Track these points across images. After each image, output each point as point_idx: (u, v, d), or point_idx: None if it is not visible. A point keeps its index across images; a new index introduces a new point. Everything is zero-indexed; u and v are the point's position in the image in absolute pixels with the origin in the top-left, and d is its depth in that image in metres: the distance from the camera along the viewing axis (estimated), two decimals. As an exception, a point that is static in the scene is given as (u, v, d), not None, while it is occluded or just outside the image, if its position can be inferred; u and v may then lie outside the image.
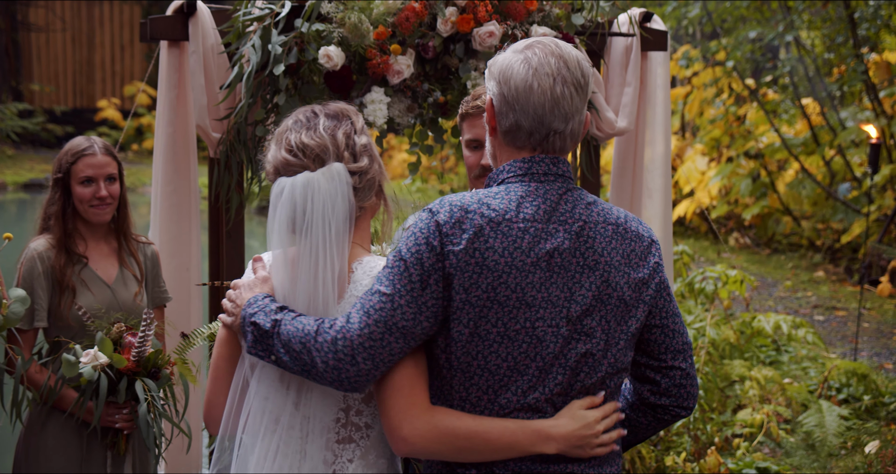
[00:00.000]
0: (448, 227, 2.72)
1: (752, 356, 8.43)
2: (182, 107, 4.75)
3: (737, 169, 14.19)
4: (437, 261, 2.70)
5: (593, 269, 2.80)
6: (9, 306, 4.11)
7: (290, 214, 2.76)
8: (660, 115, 5.15)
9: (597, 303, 2.80)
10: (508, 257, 2.72)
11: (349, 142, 2.84)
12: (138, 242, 4.65)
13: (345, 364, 2.67)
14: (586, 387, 2.83)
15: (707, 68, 14.98)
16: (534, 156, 2.86)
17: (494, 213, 2.75)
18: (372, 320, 2.68)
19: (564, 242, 2.77)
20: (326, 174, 2.76)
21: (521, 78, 2.80)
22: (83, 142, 4.51)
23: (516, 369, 2.75)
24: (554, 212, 2.80)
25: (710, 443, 6.86)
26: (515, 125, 2.83)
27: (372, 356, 2.67)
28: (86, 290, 4.42)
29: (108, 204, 4.48)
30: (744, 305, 10.22)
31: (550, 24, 4.66)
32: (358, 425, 2.84)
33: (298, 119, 2.89)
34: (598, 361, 2.81)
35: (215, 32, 4.65)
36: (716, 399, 7.54)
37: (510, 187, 2.82)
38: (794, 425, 7.28)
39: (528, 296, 2.74)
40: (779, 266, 13.46)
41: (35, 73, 28.09)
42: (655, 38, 5.04)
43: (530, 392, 2.77)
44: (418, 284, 2.70)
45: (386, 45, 4.52)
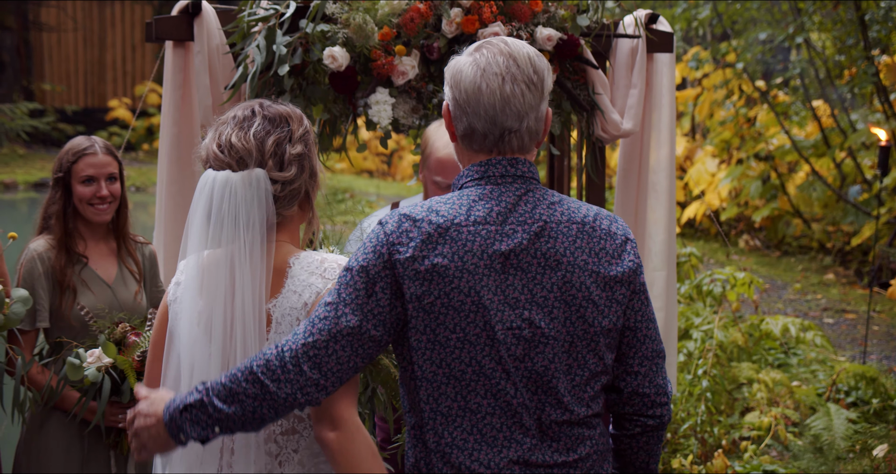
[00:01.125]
0: (395, 237, 2.73)
1: (761, 359, 8.40)
2: (187, 107, 4.75)
3: (747, 171, 14.15)
4: (383, 269, 2.71)
5: (555, 269, 2.78)
6: (11, 306, 4.11)
7: (206, 208, 2.78)
8: (665, 116, 5.13)
9: (559, 304, 2.78)
10: (458, 261, 2.71)
11: (277, 151, 2.83)
12: (136, 242, 4.66)
13: (294, 374, 2.66)
14: (562, 391, 2.79)
15: (717, 70, 14.94)
16: (490, 158, 2.85)
17: (443, 219, 2.75)
18: (316, 329, 2.69)
19: (522, 243, 2.76)
20: (245, 178, 2.77)
21: (470, 80, 2.81)
22: (84, 142, 4.51)
23: (482, 373, 2.74)
24: (511, 213, 2.79)
25: (718, 446, 6.85)
26: (469, 128, 2.84)
27: (318, 365, 2.67)
28: (86, 290, 4.42)
29: (108, 203, 4.49)
30: (753, 308, 10.19)
31: (555, 25, 4.65)
32: (300, 417, 2.86)
33: (237, 115, 2.89)
34: (565, 363, 2.79)
35: (220, 33, 4.65)
36: (723, 401, 7.52)
37: (464, 192, 2.83)
38: (802, 428, 7.25)
39: (485, 298, 2.73)
40: (789, 268, 13.42)
41: (46, 72, 28.13)
42: (661, 40, 5.02)
43: (501, 395, 2.76)
44: (363, 292, 2.70)
45: (391, 45, 4.52)
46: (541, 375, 2.77)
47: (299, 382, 2.67)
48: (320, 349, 2.67)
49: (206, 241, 2.79)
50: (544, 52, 4.62)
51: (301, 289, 2.82)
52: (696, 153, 15.63)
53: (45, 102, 27.07)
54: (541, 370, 2.77)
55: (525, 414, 2.78)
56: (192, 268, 2.86)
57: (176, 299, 2.91)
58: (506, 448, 2.77)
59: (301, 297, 2.81)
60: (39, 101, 26.46)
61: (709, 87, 15.29)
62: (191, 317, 2.82)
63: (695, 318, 8.27)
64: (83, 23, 28.22)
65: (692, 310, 8.48)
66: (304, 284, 2.82)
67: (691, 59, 14.77)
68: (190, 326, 2.82)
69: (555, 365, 2.78)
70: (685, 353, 7.76)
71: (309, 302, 2.81)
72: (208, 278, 2.82)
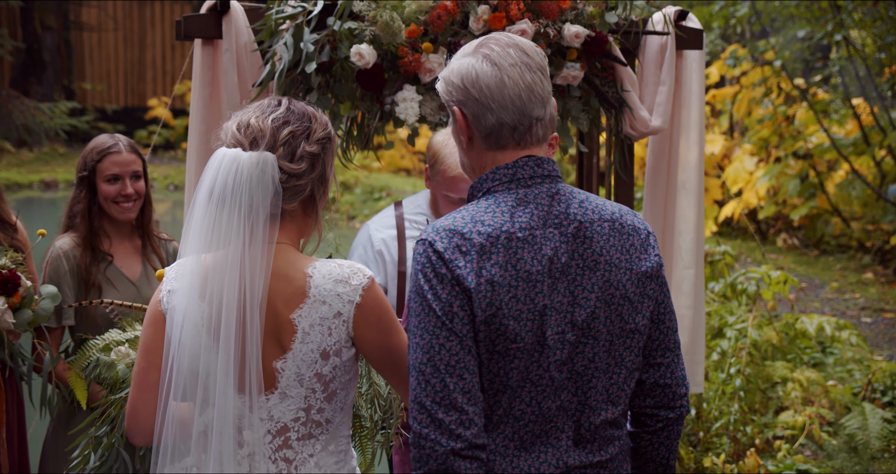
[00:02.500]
0: (449, 253, 2.68)
1: (796, 358, 8.35)
2: (215, 104, 4.77)
3: (785, 169, 14.05)
4: (452, 288, 2.66)
5: (594, 270, 2.76)
6: (39, 303, 4.14)
7: (210, 184, 2.77)
8: (695, 113, 5.11)
9: (601, 305, 2.76)
10: (512, 270, 2.68)
11: (291, 141, 2.83)
12: (160, 239, 4.68)
13: (434, 427, 2.63)
14: (600, 391, 2.79)
15: (755, 68, 14.85)
16: (517, 161, 2.81)
17: (490, 229, 2.70)
18: (425, 375, 2.64)
19: (561, 246, 2.74)
20: (254, 157, 2.76)
21: (490, 75, 2.76)
22: (108, 141, 4.53)
23: (529, 380, 2.71)
24: (548, 215, 2.76)
25: (751, 445, 6.81)
26: (498, 124, 2.79)
27: (450, 406, 2.63)
28: (111, 288, 4.45)
29: (133, 201, 4.51)
30: (789, 307, 10.12)
31: (583, 22, 4.63)
32: (318, 422, 2.87)
33: (262, 103, 2.92)
34: (605, 363, 2.78)
35: (248, 30, 4.67)
36: (757, 400, 7.47)
37: (498, 198, 2.78)
38: (836, 427, 7.20)
39: (539, 305, 2.70)
40: (827, 267, 13.33)
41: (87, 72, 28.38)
42: (690, 37, 5.00)
43: (543, 401, 2.73)
44: (445, 318, 2.65)
45: (418, 43, 4.52)
46: (581, 376, 2.76)
47: (451, 429, 2.63)
48: (439, 391, 2.64)
49: (209, 232, 2.77)
50: (572, 48, 4.61)
51: (330, 299, 2.81)
52: (735, 151, 15.54)
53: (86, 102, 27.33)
54: (581, 371, 2.76)
55: (563, 418, 2.76)
56: (190, 273, 2.82)
57: (173, 307, 2.84)
58: (544, 453, 2.75)
59: (332, 308, 2.80)
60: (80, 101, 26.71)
61: (747, 85, 15.19)
62: (196, 324, 2.79)
63: (729, 317, 8.22)
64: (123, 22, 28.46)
65: (726, 309, 8.43)
66: (332, 294, 2.81)
67: (729, 57, 14.68)
68: (196, 334, 2.78)
69: (595, 365, 2.77)
70: (719, 352, 7.72)
71: (344, 312, 2.81)
72: (211, 283, 2.78)
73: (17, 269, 4.11)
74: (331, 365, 2.81)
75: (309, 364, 2.79)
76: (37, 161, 24.40)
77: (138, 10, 28.53)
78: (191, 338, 2.77)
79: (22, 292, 4.11)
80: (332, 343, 2.80)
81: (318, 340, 2.79)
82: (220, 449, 2.78)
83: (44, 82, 26.17)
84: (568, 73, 4.63)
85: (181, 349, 2.78)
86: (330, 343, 2.80)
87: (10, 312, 4.08)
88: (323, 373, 2.81)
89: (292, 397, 2.81)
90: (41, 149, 24.83)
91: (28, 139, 22.81)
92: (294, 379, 2.79)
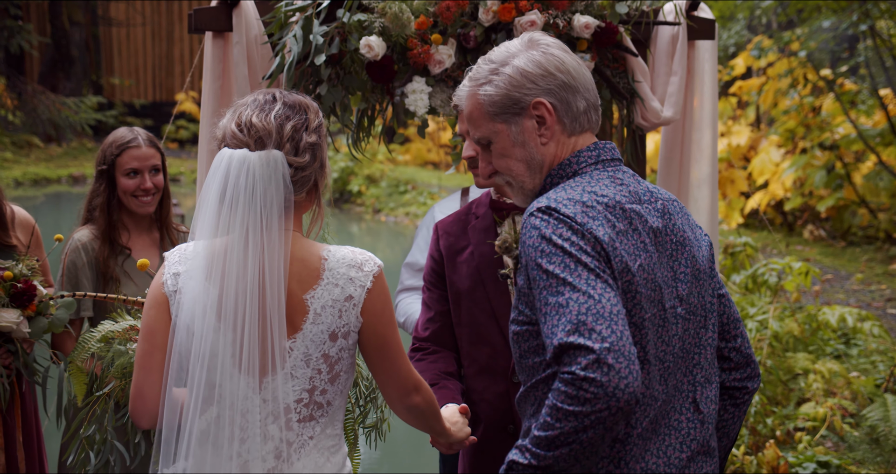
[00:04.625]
0: (580, 217, 2.57)
1: (818, 349, 8.30)
2: (226, 97, 4.78)
3: (811, 160, 13.98)
4: (595, 246, 2.53)
5: (683, 245, 2.73)
6: (55, 312, 4.18)
7: (221, 186, 2.78)
8: (708, 104, 5.09)
9: (693, 280, 2.72)
10: (632, 239, 2.61)
11: (295, 136, 2.85)
12: (179, 232, 4.70)
13: (623, 373, 2.39)
14: (703, 369, 2.75)
15: (782, 59, 14.77)
16: (597, 142, 2.78)
17: (606, 198, 2.64)
18: (591, 323, 2.43)
19: (657, 221, 2.70)
20: (263, 157, 2.78)
21: (570, 60, 2.74)
22: (127, 134, 4.54)
23: (657, 356, 2.63)
24: (638, 192, 2.73)
25: (771, 437, 6.78)
26: (587, 105, 2.77)
27: (629, 356, 2.41)
28: (129, 281, 4.47)
29: (152, 195, 4.53)
30: (813, 298, 10.07)
31: (594, 13, 4.62)
32: (320, 403, 2.91)
33: (257, 99, 2.92)
34: (703, 339, 2.75)
35: (259, 23, 4.68)
36: (779, 392, 7.44)
37: (593, 175, 2.72)
38: (858, 419, 7.16)
39: (658, 276, 2.64)
40: (853, 258, 13.26)
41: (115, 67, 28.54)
42: (702, 27, 4.97)
43: (670, 379, 2.67)
44: (599, 270, 2.50)
45: (427, 34, 4.52)
46: (688, 353, 2.71)
47: (627, 381, 2.40)
48: (621, 336, 2.42)
49: (217, 223, 2.79)
50: (582, 39, 4.60)
51: (343, 283, 2.86)
52: (761, 143, 15.47)
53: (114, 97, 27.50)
54: (689, 348, 2.71)
55: (681, 399, 2.71)
56: (197, 256, 2.86)
57: (178, 289, 2.87)
58: (668, 436, 2.68)
59: (344, 290, 2.86)
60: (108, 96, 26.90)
61: (773, 76, 15.12)
62: (204, 306, 2.80)
63: (750, 308, 8.19)
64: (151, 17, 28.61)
65: (747, 301, 8.40)
66: (345, 277, 2.86)
67: (754, 48, 14.61)
68: (204, 315, 2.80)
69: (696, 340, 2.73)
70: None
71: (355, 295, 2.87)
72: (225, 265, 2.80)
73: (32, 278, 4.14)
74: (338, 347, 2.87)
75: (318, 344, 2.85)
76: (65, 156, 24.58)
77: (166, 5, 28.66)
78: (198, 321, 2.79)
79: (37, 301, 4.14)
80: (342, 325, 2.86)
81: (329, 322, 2.85)
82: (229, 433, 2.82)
83: (72, 77, 26.35)
84: (578, 64, 4.62)
85: (185, 332, 2.81)
86: (339, 325, 2.86)
87: (26, 322, 4.11)
88: (329, 354, 2.86)
89: (298, 378, 2.85)
90: (69, 144, 25.01)
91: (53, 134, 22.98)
92: (301, 360, 2.84)
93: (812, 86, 14.79)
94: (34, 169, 23.07)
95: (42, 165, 23.56)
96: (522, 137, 2.77)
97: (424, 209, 18.75)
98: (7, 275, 4.06)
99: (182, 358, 2.82)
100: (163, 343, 2.86)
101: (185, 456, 2.81)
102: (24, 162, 23.64)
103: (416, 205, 19.46)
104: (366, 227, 19.17)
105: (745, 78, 17.12)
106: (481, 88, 2.79)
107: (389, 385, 3.00)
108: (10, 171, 22.29)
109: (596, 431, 2.39)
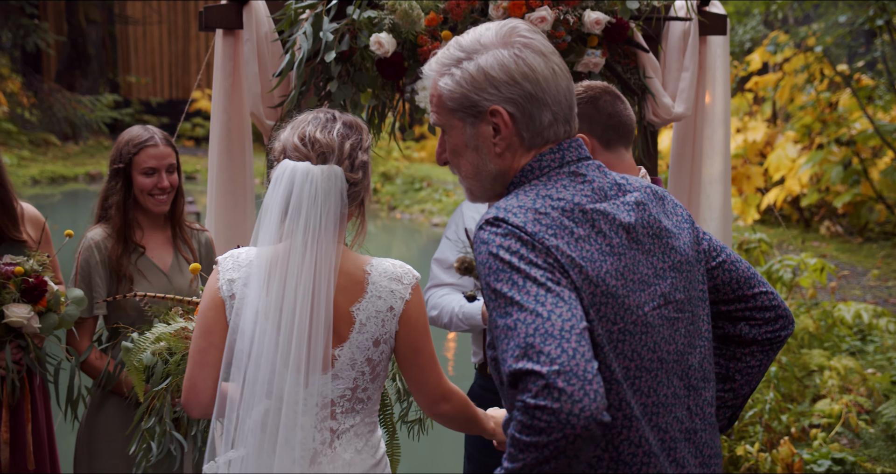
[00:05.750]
0: (531, 226, 2.38)
1: (833, 345, 8.27)
2: (237, 95, 4.79)
3: (828, 156, 13.92)
4: (547, 257, 2.35)
5: (659, 237, 2.55)
6: (66, 307, 4.19)
7: (286, 194, 2.97)
8: (719, 100, 5.08)
9: (676, 274, 2.54)
10: (596, 244, 2.42)
11: (352, 154, 3.05)
12: (192, 229, 4.70)
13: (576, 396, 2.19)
14: (697, 370, 2.57)
15: (798, 54, 14.71)
16: (560, 144, 2.54)
17: (563, 202, 2.44)
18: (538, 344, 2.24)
19: (627, 216, 2.50)
20: (326, 171, 2.98)
21: (543, 67, 2.49)
22: (143, 133, 4.54)
23: (642, 367, 2.45)
24: (606, 186, 2.53)
25: (786, 433, 6.76)
26: (553, 119, 2.52)
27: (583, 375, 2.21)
28: (142, 279, 4.47)
29: (168, 194, 4.53)
30: (829, 294, 10.03)
31: (604, 8, 4.61)
32: (361, 399, 3.15)
33: (318, 117, 3.11)
34: (698, 335, 2.58)
35: (269, 20, 4.68)
36: (794, 389, 7.42)
37: (551, 177, 2.52)
38: (874, 416, 7.13)
39: (629, 280, 2.44)
40: (870, 255, 13.20)
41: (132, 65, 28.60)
42: (714, 22, 4.96)
43: (660, 388, 2.49)
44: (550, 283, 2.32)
45: (437, 31, 4.52)
46: (682, 354, 2.53)
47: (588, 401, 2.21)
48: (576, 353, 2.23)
49: (280, 231, 3.00)
50: (593, 35, 4.58)
51: (385, 295, 3.08)
52: (777, 138, 15.42)
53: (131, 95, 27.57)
54: (682, 349, 2.53)
55: (676, 402, 2.53)
56: (254, 263, 3.05)
57: (233, 294, 3.07)
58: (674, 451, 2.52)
59: (386, 302, 3.08)
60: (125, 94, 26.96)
61: (790, 72, 15.06)
62: (256, 311, 2.99)
63: (764, 305, 8.14)
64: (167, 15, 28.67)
65: (762, 297, 8.35)
66: (387, 290, 3.08)
67: (770, 44, 14.56)
68: (256, 319, 2.99)
69: (688, 339, 2.55)
70: (755, 340, 7.65)
71: (395, 306, 3.08)
72: (283, 271, 3.00)
73: (43, 274, 4.16)
74: (380, 352, 3.11)
75: (363, 350, 3.08)
76: (82, 154, 24.66)
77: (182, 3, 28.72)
78: (249, 325, 3.00)
79: (48, 296, 4.16)
80: (384, 333, 3.09)
81: (373, 331, 3.07)
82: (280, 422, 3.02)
83: (89, 76, 26.44)
84: (589, 60, 4.61)
85: (241, 335, 3.02)
86: (382, 332, 3.08)
87: (37, 317, 4.14)
88: (373, 358, 3.10)
89: (343, 378, 3.08)
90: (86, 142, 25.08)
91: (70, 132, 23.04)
92: (347, 364, 3.07)
93: (829, 81, 14.73)
94: (51, 167, 23.15)
95: (59, 163, 23.65)
96: (476, 141, 2.57)
97: (440, 206, 18.76)
98: (18, 271, 4.10)
99: (234, 357, 3.03)
100: (220, 342, 3.07)
101: (244, 442, 3.02)
102: (42, 160, 23.74)
103: (431, 202, 19.45)
104: (381, 225, 19.18)
105: (761, 73, 17.05)
106: (442, 78, 2.57)
107: (419, 393, 3.21)
108: (28, 170, 22.38)
109: (559, 461, 2.22)
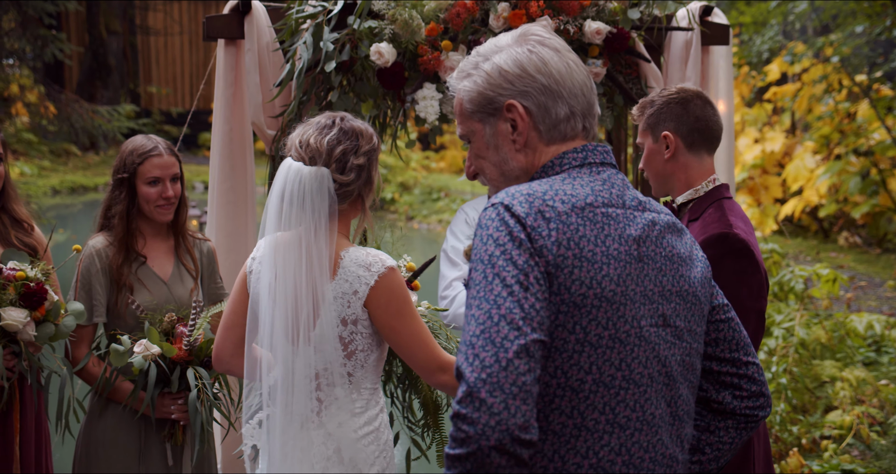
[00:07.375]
0: (531, 219, 2.32)
1: (846, 357, 8.22)
2: (238, 104, 4.80)
3: (846, 166, 13.87)
4: (530, 258, 2.29)
5: (671, 260, 2.48)
6: (64, 318, 4.21)
7: (281, 189, 3.41)
8: (722, 109, 5.05)
9: (681, 301, 2.48)
10: (602, 246, 2.35)
11: (343, 158, 3.43)
12: (195, 239, 4.70)
13: (495, 409, 2.14)
14: (685, 398, 2.50)
15: (816, 64, 14.67)
16: (586, 144, 2.52)
17: (574, 198, 2.38)
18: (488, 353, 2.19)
19: (644, 229, 2.44)
20: (312, 171, 3.41)
21: (556, 60, 2.49)
22: (147, 143, 4.54)
23: (631, 379, 2.37)
24: (625, 197, 2.47)
25: (796, 444, 6.72)
26: (569, 113, 2.50)
27: (509, 389, 2.16)
28: (142, 288, 4.48)
29: (172, 204, 4.54)
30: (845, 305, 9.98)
31: (605, 19, 4.60)
32: (341, 374, 3.50)
33: (321, 122, 3.50)
34: (688, 364, 2.49)
35: (270, 30, 4.69)
36: (805, 400, 7.38)
37: (571, 173, 2.48)
38: (886, 427, 7.08)
39: (630, 289, 2.37)
40: (888, 265, 13.14)
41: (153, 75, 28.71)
42: (716, 32, 4.95)
43: (647, 406, 2.41)
44: (517, 287, 2.25)
45: (437, 41, 4.52)
46: (673, 379, 2.45)
47: (508, 415, 2.16)
48: (503, 370, 2.17)
49: (279, 220, 3.42)
50: (593, 45, 4.58)
51: (351, 279, 3.42)
52: (796, 149, 15.37)
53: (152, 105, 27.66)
54: (674, 374, 2.45)
55: (662, 424, 2.45)
56: (266, 245, 3.48)
57: (252, 271, 3.56)
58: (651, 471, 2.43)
59: (351, 286, 3.42)
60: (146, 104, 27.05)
61: (808, 82, 15.02)
62: (268, 285, 3.44)
63: (776, 315, 8.13)
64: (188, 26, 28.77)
65: (774, 308, 8.34)
66: (354, 275, 3.41)
67: (787, 54, 14.53)
68: (267, 294, 3.44)
69: (682, 367, 2.48)
70: (766, 351, 7.64)
71: (360, 291, 3.41)
72: (280, 255, 3.43)
73: (45, 283, 4.18)
74: (349, 331, 3.44)
75: (332, 327, 3.42)
76: (102, 164, 24.76)
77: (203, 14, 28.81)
78: (265, 299, 3.46)
79: (47, 306, 4.17)
80: (350, 313, 3.42)
81: (339, 310, 3.42)
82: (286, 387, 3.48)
83: (109, 86, 26.56)
84: (590, 70, 4.60)
85: (258, 305, 3.50)
86: (348, 313, 3.42)
87: (33, 324, 4.16)
88: (343, 336, 3.44)
89: (322, 352, 3.44)
90: (106, 152, 25.19)
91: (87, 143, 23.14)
92: (322, 339, 3.43)
93: (847, 91, 14.69)
94: (71, 177, 23.26)
95: (79, 173, 23.76)
96: (496, 140, 2.57)
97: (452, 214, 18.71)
98: (20, 275, 4.13)
99: (255, 324, 3.53)
100: (239, 308, 3.59)
101: (268, 401, 3.50)
102: (62, 170, 23.86)
103: (448, 213, 19.46)
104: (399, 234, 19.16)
105: (779, 84, 17.02)
106: (461, 83, 2.58)
107: (413, 366, 3.51)
108: (48, 180, 22.50)
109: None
